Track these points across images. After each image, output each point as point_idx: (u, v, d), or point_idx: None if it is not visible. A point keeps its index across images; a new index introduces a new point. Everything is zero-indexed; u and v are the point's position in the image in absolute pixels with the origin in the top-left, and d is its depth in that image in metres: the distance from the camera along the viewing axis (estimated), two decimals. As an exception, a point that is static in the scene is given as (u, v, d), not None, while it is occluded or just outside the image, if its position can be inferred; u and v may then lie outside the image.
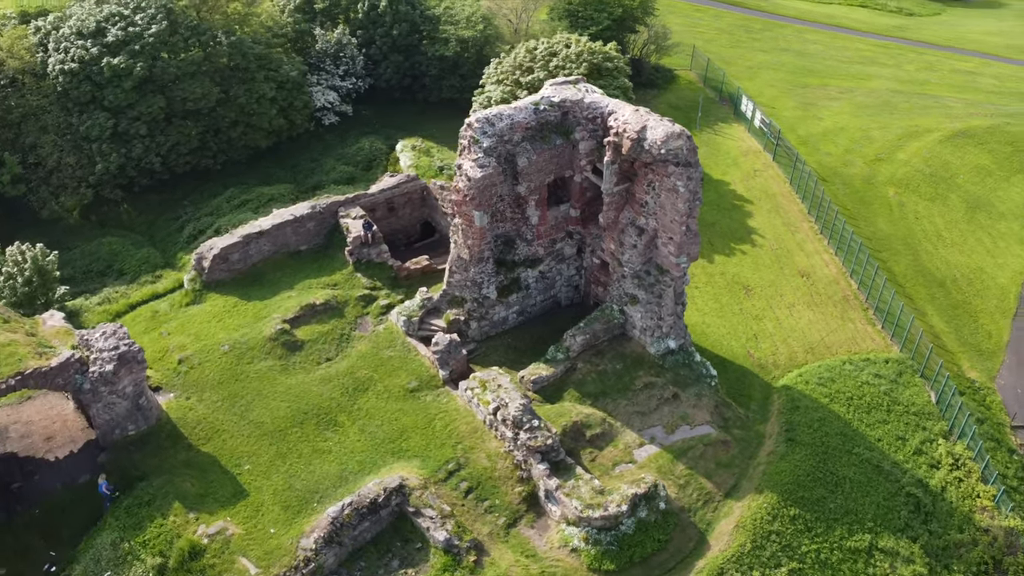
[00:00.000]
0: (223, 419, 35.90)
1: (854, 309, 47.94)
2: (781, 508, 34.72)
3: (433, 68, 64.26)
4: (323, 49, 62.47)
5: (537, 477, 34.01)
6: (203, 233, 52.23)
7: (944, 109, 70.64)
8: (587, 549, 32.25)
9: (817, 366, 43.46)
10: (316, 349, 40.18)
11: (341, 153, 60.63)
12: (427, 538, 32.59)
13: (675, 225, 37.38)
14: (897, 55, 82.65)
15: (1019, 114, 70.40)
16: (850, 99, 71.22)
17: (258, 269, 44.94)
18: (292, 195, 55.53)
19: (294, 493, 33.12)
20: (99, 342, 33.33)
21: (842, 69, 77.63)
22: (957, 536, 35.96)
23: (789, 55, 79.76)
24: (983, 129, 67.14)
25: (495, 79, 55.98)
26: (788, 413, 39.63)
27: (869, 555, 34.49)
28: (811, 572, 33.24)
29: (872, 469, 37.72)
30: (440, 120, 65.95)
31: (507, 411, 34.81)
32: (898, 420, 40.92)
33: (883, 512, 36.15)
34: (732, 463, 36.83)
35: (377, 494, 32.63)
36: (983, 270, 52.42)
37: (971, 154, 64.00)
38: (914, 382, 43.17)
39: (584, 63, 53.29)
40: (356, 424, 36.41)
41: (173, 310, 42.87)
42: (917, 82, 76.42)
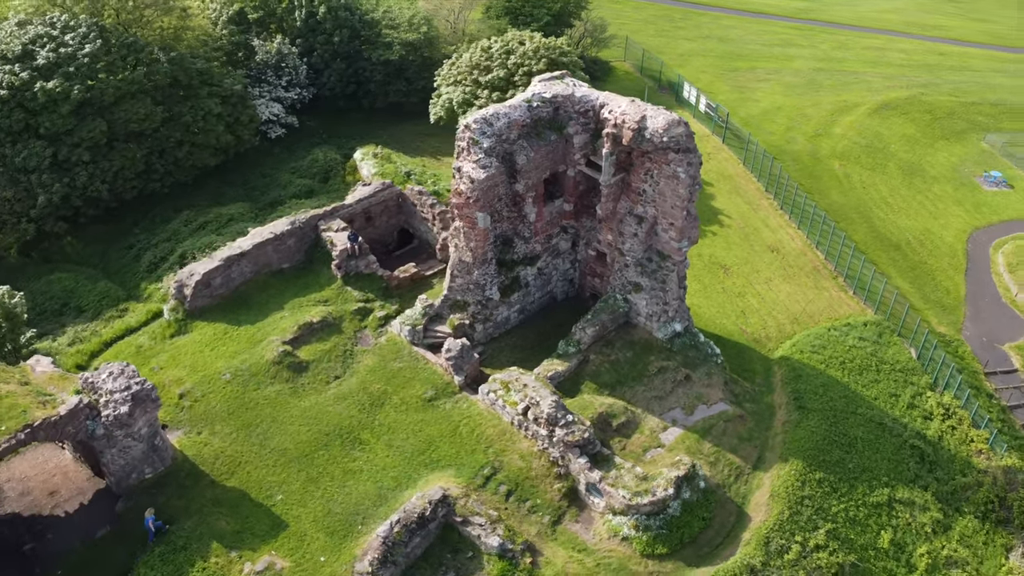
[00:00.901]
0: (243, 450, 34.23)
1: (825, 278, 50.19)
2: (807, 473, 36.07)
3: (378, 73, 63.09)
4: (264, 60, 60.30)
5: (577, 471, 34.05)
6: (164, 260, 49.59)
7: (864, 84, 74.77)
8: (638, 536, 32.55)
9: (806, 335, 45.32)
10: (322, 368, 38.83)
11: (294, 166, 58.72)
12: (478, 546, 32.10)
13: (676, 211, 38.14)
14: (811, 36, 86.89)
15: (930, 84, 75.31)
16: (779, 80, 74.37)
17: (242, 292, 42.99)
18: (251, 213, 53.46)
19: (335, 517, 31.95)
20: (108, 383, 31.13)
21: (765, 52, 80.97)
22: (962, 480, 38.29)
23: (713, 42, 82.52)
24: (902, 100, 71.52)
25: (451, 80, 55.47)
26: (792, 382, 41.15)
27: (890, 508, 36.29)
28: (844, 530, 34.70)
29: (876, 427, 39.69)
30: (388, 125, 65.04)
31: (539, 410, 34.68)
32: (888, 378, 43.17)
33: (894, 466, 38.12)
34: (752, 436, 37.98)
35: (423, 508, 31.88)
36: (930, 231, 55.90)
37: (897, 124, 68.08)
38: (894, 341, 45.63)
39: (542, 59, 53.53)
40: (381, 440, 35.44)
41: (158, 343, 40.45)
42: (835, 60, 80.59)
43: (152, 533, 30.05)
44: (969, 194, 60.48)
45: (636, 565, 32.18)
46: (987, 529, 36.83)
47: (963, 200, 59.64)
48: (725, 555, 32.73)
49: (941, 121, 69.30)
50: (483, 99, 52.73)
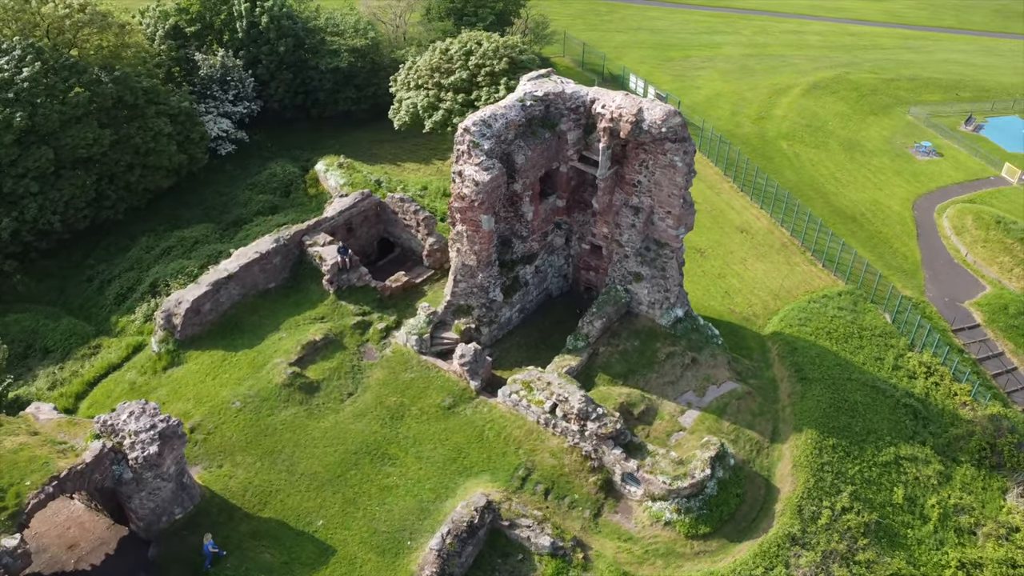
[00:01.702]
0: (271, 479, 32.97)
1: (795, 254, 52.34)
2: (822, 441, 37.61)
3: (327, 82, 61.68)
4: (208, 75, 57.92)
5: (612, 463, 34.41)
6: (132, 291, 47.16)
7: (792, 67, 78.17)
8: (681, 519, 33.21)
9: (789, 309, 47.16)
10: (334, 386, 37.80)
11: (252, 183, 56.79)
12: (527, 547, 32.04)
13: (673, 199, 39.01)
14: (732, 23, 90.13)
15: (851, 64, 79.42)
16: (713, 67, 76.84)
17: (231, 316, 41.31)
18: (215, 234, 51.50)
19: (382, 536, 31.24)
20: (130, 424, 29.38)
21: (694, 40, 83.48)
22: (954, 432, 40.72)
23: (644, 33, 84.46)
24: (830, 80, 75.17)
25: (412, 85, 54.80)
26: (789, 356, 42.77)
27: (897, 465, 38.25)
28: (863, 491, 36.37)
29: (871, 390, 41.71)
30: (340, 135, 63.79)
31: (568, 406, 34.85)
32: (870, 344, 45.42)
33: (893, 425, 40.17)
34: (763, 411, 39.27)
35: (471, 516, 31.57)
36: (879, 202, 59.07)
37: (829, 103, 71.53)
38: (868, 308, 48.04)
39: (503, 58, 53.56)
40: (410, 453, 34.84)
41: (152, 378, 38.41)
42: (759, 45, 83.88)
43: (209, 558, 28.72)
44: (905, 165, 64.18)
45: (682, 547, 32.84)
46: (983, 475, 39.34)
47: (901, 171, 63.25)
48: (763, 528, 33.79)
49: (867, 98, 73.22)
50: (448, 102, 52.37)
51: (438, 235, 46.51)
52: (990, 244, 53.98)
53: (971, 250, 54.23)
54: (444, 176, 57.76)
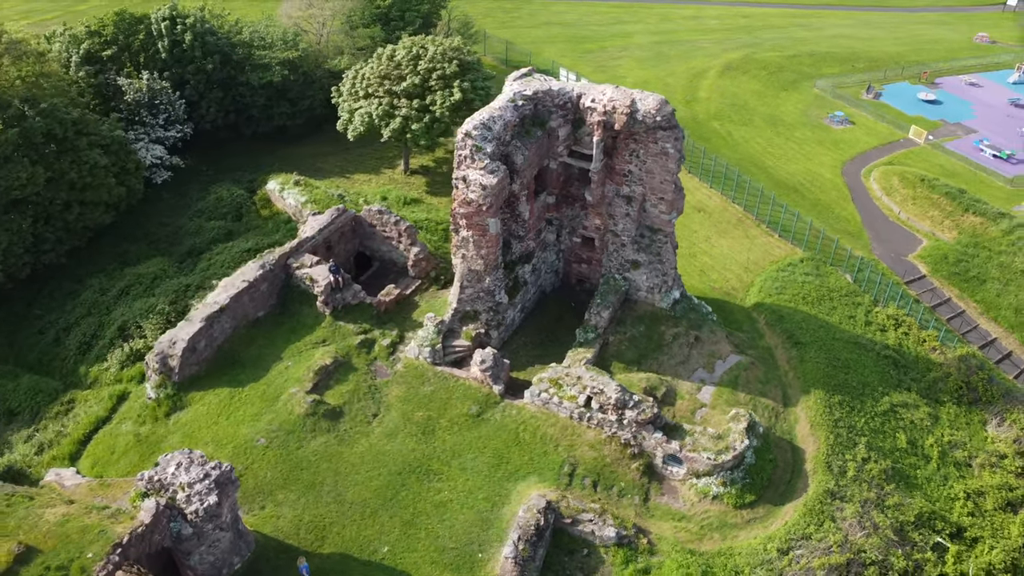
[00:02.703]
0: (322, 513, 31.64)
1: (751, 227, 54.91)
2: (829, 399, 39.82)
3: (259, 98, 59.14)
4: (136, 99, 54.25)
5: (653, 447, 35.15)
6: (97, 337, 43.81)
7: (702, 50, 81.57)
8: (727, 492, 34.39)
9: (762, 280, 49.48)
10: (356, 409, 36.61)
11: (198, 209, 53.78)
12: (592, 541, 32.32)
13: (666, 185, 40.11)
14: (635, 12, 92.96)
15: (754, 44, 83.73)
16: (630, 55, 79.09)
17: (227, 351, 39.15)
18: (173, 268, 48.52)
19: (450, 553, 30.67)
20: (180, 476, 27.45)
21: (605, 31, 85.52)
22: (932, 376, 43.98)
23: (555, 27, 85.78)
24: (739, 61, 78.99)
25: (361, 94, 53.44)
26: (777, 324, 44.92)
27: (894, 413, 40.99)
28: (874, 441, 38.80)
29: (855, 347, 44.48)
30: (277, 151, 61.43)
31: (604, 397, 35.29)
32: (840, 303, 48.36)
33: (880, 377, 43.01)
34: (769, 378, 41.13)
35: (535, 519, 31.52)
36: (811, 171, 62.80)
37: (744, 82, 75.19)
38: (830, 271, 51.09)
39: (452, 60, 53.12)
40: (452, 465, 34.30)
41: (156, 426, 35.90)
42: (666, 32, 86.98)
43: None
44: (824, 135, 68.48)
45: (734, 518, 34.03)
46: (964, 411, 42.75)
47: (822, 140, 67.45)
48: (800, 488, 35.49)
49: (776, 75, 77.50)
50: (404, 108, 51.44)
51: (421, 244, 45.77)
52: (919, 201, 58.58)
53: (903, 208, 58.67)
54: (398, 184, 56.81)
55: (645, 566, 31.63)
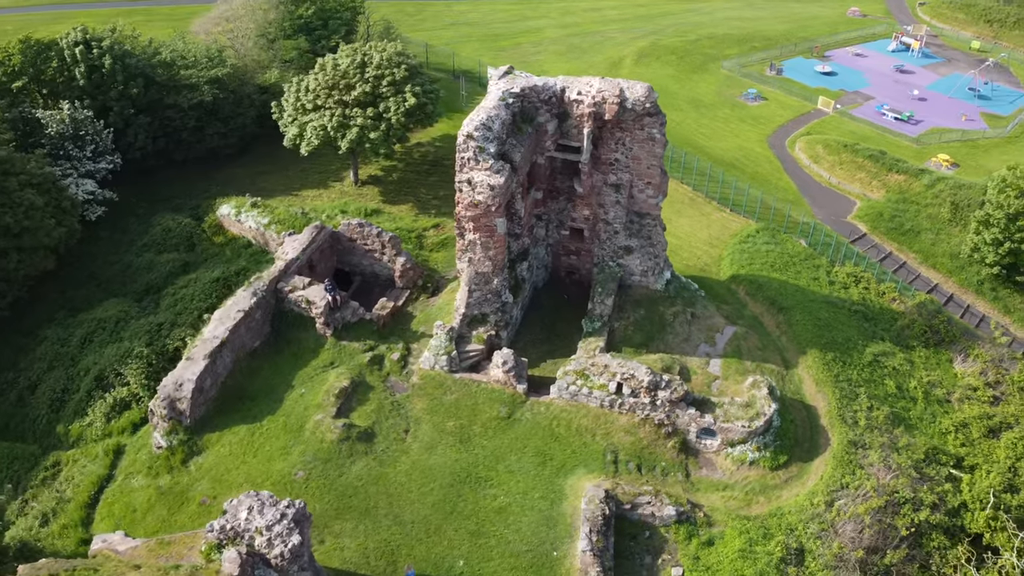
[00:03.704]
0: (386, 538, 30.60)
1: (703, 205, 57.10)
2: (824, 357, 42.20)
3: (189, 120, 55.87)
4: (59, 132, 49.99)
5: (687, 423, 36.12)
6: (70, 392, 40.48)
7: (611, 40, 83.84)
8: (763, 456, 35.86)
9: (729, 253, 51.61)
10: (387, 428, 35.56)
11: (145, 243, 50.33)
12: (651, 522, 32.93)
13: (653, 170, 41.16)
14: (537, 7, 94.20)
15: (657, 31, 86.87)
16: (547, 49, 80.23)
17: (230, 386, 37.04)
18: (135, 308, 45.34)
19: (526, 557, 30.43)
20: (255, 520, 25.81)
21: (513, 28, 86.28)
22: (899, 324, 47.37)
23: (463, 27, 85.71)
24: (649, 48, 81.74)
25: (310, 107, 51.50)
26: (758, 292, 47.04)
27: (877, 363, 43.91)
28: (871, 390, 41.42)
29: (828, 306, 47.28)
30: (213, 174, 58.37)
31: (636, 381, 35.92)
32: (803, 267, 51.18)
33: (857, 331, 45.95)
34: (765, 344, 43.06)
35: (600, 509, 31.78)
36: (742, 147, 65.94)
37: (658, 68, 77.90)
38: (785, 238, 53.94)
39: (400, 65, 52.14)
40: (499, 469, 34.00)
41: (175, 476, 33.48)
42: (572, 25, 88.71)
43: None
44: (743, 112, 72.03)
45: (772, 480, 35.54)
46: (932, 353, 46.35)
47: (743, 118, 70.92)
48: (822, 442, 37.48)
49: (685, 59, 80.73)
50: (359, 118, 50.05)
51: (407, 254, 44.83)
52: (845, 166, 62.75)
53: (832, 173, 62.68)
54: (352, 197, 55.14)
55: (708, 538, 32.55)
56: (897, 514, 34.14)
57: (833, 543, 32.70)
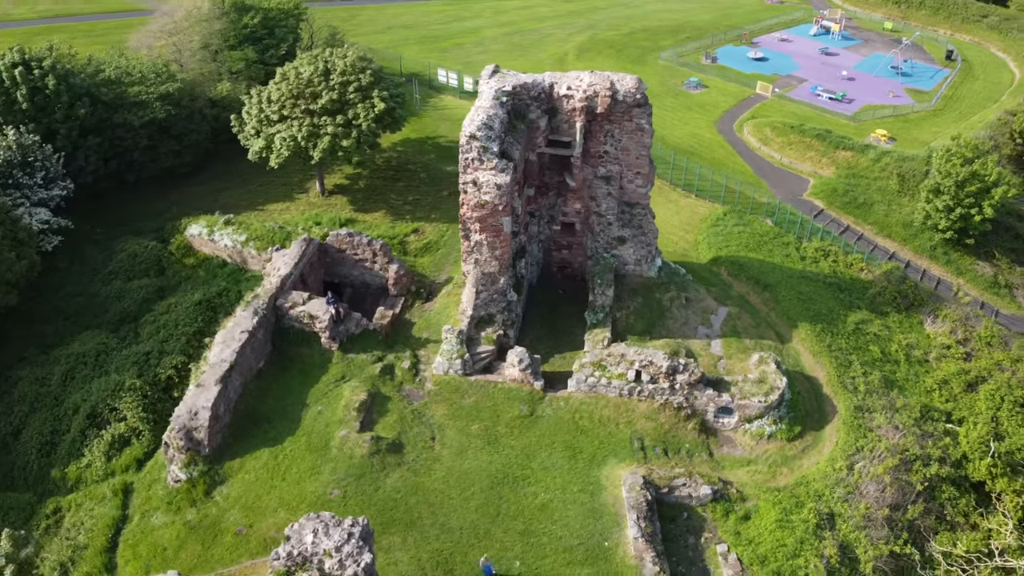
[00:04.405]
0: (436, 547, 30.16)
1: (670, 192, 58.40)
2: (813, 329, 43.95)
3: (142, 139, 53.37)
4: (7, 159, 46.88)
5: (705, 403, 37.00)
6: (60, 433, 38.22)
7: (550, 36, 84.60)
8: (779, 428, 37.10)
9: (704, 237, 53.03)
10: (413, 437, 35.02)
11: (111, 271, 47.86)
12: (688, 503, 33.59)
13: (641, 160, 41.92)
14: (469, 8, 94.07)
15: (591, 26, 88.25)
16: (491, 48, 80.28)
17: (242, 411, 35.70)
18: (114, 340, 43.08)
19: (578, 551, 30.56)
20: (323, 542, 24.96)
21: (450, 29, 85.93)
22: (871, 292, 49.67)
23: (400, 30, 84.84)
24: (588, 43, 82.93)
25: (275, 118, 49.97)
26: (740, 272, 48.50)
27: (859, 330, 46.04)
28: (860, 357, 43.32)
29: (805, 280, 49.22)
30: (171, 194, 56.13)
31: (655, 367, 36.54)
32: (774, 246, 53.07)
33: (835, 302, 48.00)
34: (758, 321, 44.49)
35: (643, 495, 32.24)
36: (694, 134, 67.72)
37: (601, 61, 79.08)
38: (752, 219, 55.76)
39: (365, 70, 51.24)
40: (532, 466, 34.02)
41: (202, 507, 32.01)
42: (508, 23, 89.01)
43: None
44: (687, 100, 73.96)
45: (791, 451, 36.81)
46: (904, 317, 48.92)
47: (689, 106, 72.82)
48: (828, 410, 39.03)
49: (623, 52, 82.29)
50: (329, 126, 48.94)
51: (399, 261, 44.21)
52: (794, 146, 65.34)
53: (783, 154, 65.15)
54: (321, 207, 53.82)
55: (744, 512, 33.43)
56: (910, 470, 35.96)
57: (860, 504, 34.17)
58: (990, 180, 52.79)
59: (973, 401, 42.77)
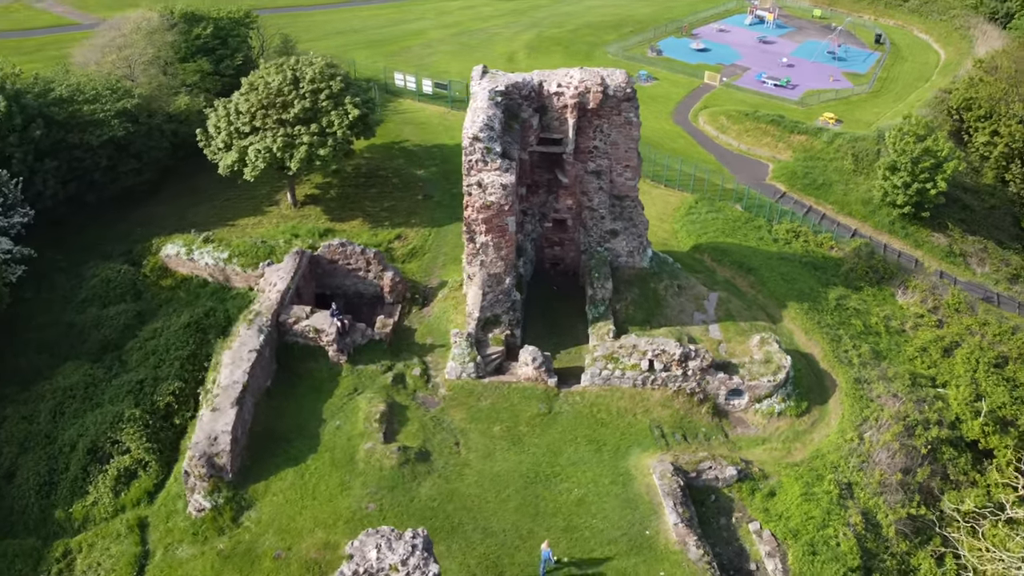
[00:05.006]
0: (482, 552, 30.04)
1: (642, 183, 58.51)
2: (801, 307, 45.55)
3: (101, 159, 51.06)
4: (-38, 188, 44.20)
5: (716, 387, 37.93)
6: (58, 473, 36.17)
7: (496, 35, 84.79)
8: (788, 405, 38.32)
9: (681, 225, 54.21)
10: (437, 443, 34.73)
11: (85, 299, 45.66)
12: (714, 485, 34.37)
13: (630, 153, 42.60)
14: (412, 10, 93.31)
15: (536, 24, 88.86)
16: (439, 49, 79.90)
17: (257, 432, 34.74)
18: (101, 370, 41.06)
19: (622, 543, 30.93)
20: (388, 557, 24.50)
21: (396, 32, 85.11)
22: (844, 268, 51.67)
23: (344, 35, 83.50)
24: (535, 40, 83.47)
25: (246, 130, 48.52)
26: (723, 257, 49.80)
27: (840, 305, 47.87)
28: (847, 331, 45.10)
29: (784, 261, 50.91)
30: (135, 216, 53.88)
31: (668, 356, 37.23)
32: (747, 229, 54.66)
33: (813, 280, 49.83)
34: (749, 304, 45.75)
35: (675, 482, 32.84)
36: (652, 126, 68.69)
37: (550, 58, 79.69)
38: (722, 206, 57.29)
39: (335, 77, 50.33)
40: (561, 463, 34.23)
41: (230, 535, 30.96)
42: (453, 24, 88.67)
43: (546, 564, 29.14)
44: (641, 93, 73.92)
45: (801, 425, 38.08)
46: (877, 290, 51.10)
47: (643, 99, 72.23)
48: (828, 385, 40.51)
49: (570, 48, 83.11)
50: (305, 136, 47.88)
51: (394, 268, 43.69)
52: (751, 132, 67.31)
53: (741, 141, 67.04)
54: (296, 219, 52.52)
55: (768, 489, 34.40)
56: (913, 435, 37.68)
57: (874, 472, 35.62)
58: (942, 155, 55.60)
59: (952, 365, 45.04)
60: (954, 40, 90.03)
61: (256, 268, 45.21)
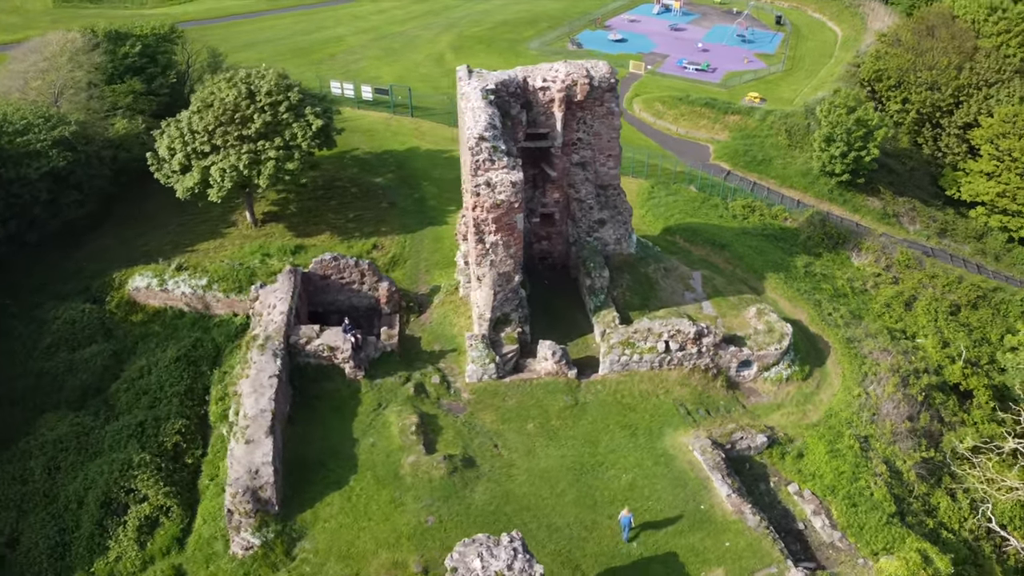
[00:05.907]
0: (552, 549, 30.10)
1: (595, 174, 60.35)
2: (778, 276, 47.78)
3: (41, 192, 47.39)
4: None
5: (728, 360, 39.28)
6: (73, 531, 33.62)
7: (418, 38, 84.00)
8: (794, 370, 40.17)
9: (646, 211, 55.54)
10: (477, 448, 34.41)
11: (52, 344, 42.46)
12: (747, 454, 35.70)
13: (613, 143, 43.36)
14: (328, 17, 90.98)
15: (453, 24, 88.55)
16: (364, 54, 78.39)
17: (289, 460, 33.27)
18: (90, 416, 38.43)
19: (679, 522, 31.57)
20: (492, 564, 24.30)
21: (315, 39, 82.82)
22: (802, 237, 54.50)
23: (264, 45, 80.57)
24: (457, 40, 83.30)
25: (207, 149, 46.14)
26: (695, 237, 51.49)
27: (808, 272, 50.55)
28: (823, 295, 47.67)
29: (747, 235, 53.20)
30: (73, 252, 50.14)
31: (683, 335, 38.22)
32: (706, 208, 56.72)
33: (779, 251, 52.36)
34: (733, 280, 47.46)
35: (718, 455, 33.85)
36: (593, 116, 70.04)
37: (476, 56, 79.78)
38: (679, 188, 59.16)
39: (292, 88, 48.66)
40: (601, 453, 34.61)
41: (291, 569, 29.61)
42: (371, 29, 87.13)
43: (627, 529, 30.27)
44: (572, 85, 76.16)
45: (808, 388, 39.97)
46: (835, 255, 54.16)
47: (575, 90, 75.02)
48: (822, 347, 42.66)
49: (493, 46, 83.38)
50: (270, 151, 46.08)
51: (388, 278, 42.75)
52: (687, 116, 69.65)
53: (679, 125, 69.26)
54: (259, 238, 50.50)
55: (796, 452, 35.99)
56: (907, 385, 40.28)
57: (885, 423, 37.89)
58: (872, 124, 59.44)
59: (915, 317, 48.44)
60: (847, 18, 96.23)
61: (238, 293, 43.24)
